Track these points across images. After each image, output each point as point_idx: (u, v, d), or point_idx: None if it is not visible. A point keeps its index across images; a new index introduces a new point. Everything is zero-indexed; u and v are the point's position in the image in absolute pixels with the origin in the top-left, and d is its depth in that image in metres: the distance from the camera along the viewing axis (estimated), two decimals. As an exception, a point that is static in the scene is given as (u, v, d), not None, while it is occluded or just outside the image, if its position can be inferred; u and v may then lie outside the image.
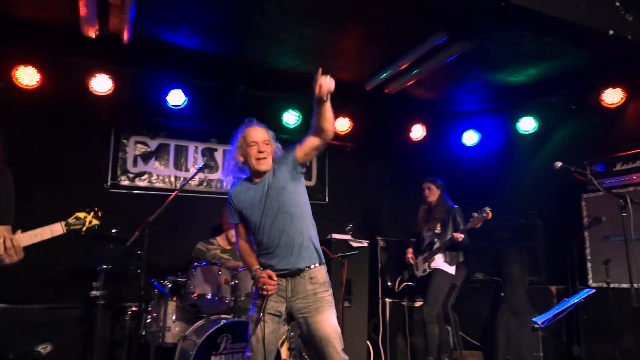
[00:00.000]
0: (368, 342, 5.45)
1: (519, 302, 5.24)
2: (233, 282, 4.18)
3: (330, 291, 2.85)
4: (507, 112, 6.26)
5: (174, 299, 4.16)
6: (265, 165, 2.91)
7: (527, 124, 6.02)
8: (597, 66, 5.10)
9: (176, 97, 5.36)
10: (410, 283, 5.44)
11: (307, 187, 6.30)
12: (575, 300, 3.51)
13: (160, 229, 5.25)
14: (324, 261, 2.95)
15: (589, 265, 4.91)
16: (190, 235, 5.09)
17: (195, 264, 4.13)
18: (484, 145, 6.47)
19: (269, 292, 2.73)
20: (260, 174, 2.93)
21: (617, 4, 3.27)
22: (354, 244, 5.36)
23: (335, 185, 6.30)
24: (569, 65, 5.11)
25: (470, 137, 6.53)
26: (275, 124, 5.86)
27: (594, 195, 4.95)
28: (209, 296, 3.97)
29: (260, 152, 2.92)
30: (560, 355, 5.07)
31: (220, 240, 5.01)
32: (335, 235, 5.42)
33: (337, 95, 6.13)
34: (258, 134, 3.02)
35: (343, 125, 6.15)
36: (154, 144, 5.51)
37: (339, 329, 2.78)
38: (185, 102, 5.39)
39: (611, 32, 3.33)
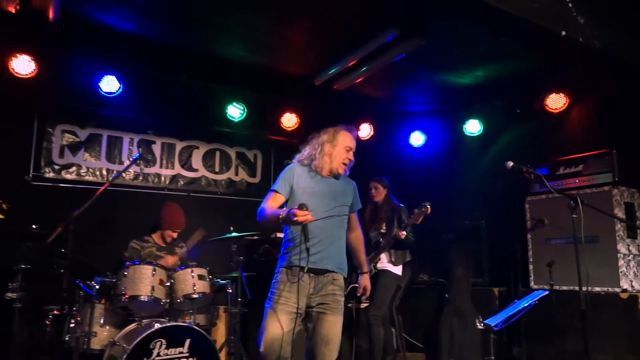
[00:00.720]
0: (311, 346, 5.25)
1: (462, 303, 5.22)
2: (169, 283, 3.88)
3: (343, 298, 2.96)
4: (454, 114, 6.28)
5: (102, 301, 3.81)
6: (343, 171, 3.08)
7: (473, 127, 6.06)
8: (542, 71, 5.18)
9: (110, 84, 4.97)
10: (356, 284, 5.29)
11: (251, 184, 6.18)
12: (529, 302, 3.47)
13: (90, 226, 4.84)
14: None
15: (531, 267, 4.95)
16: (124, 234, 4.72)
17: (128, 262, 3.78)
18: (430, 146, 6.47)
19: (306, 219, 2.63)
20: (333, 174, 3.05)
21: (570, 5, 3.26)
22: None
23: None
24: (515, 68, 5.16)
25: (417, 138, 6.51)
26: (219, 117, 5.62)
27: (537, 198, 5.00)
28: (142, 298, 3.65)
29: (349, 159, 3.06)
30: (500, 356, 5.08)
31: (156, 237, 4.69)
32: (280, 235, 5.17)
33: (285, 89, 6.08)
34: (354, 143, 3.12)
35: (290, 121, 5.95)
36: (83, 134, 5.08)
37: (340, 337, 2.86)
38: (120, 90, 5.00)
39: (563, 32, 3.33)
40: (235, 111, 5.65)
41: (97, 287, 3.65)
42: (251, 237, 4.55)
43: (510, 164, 3.50)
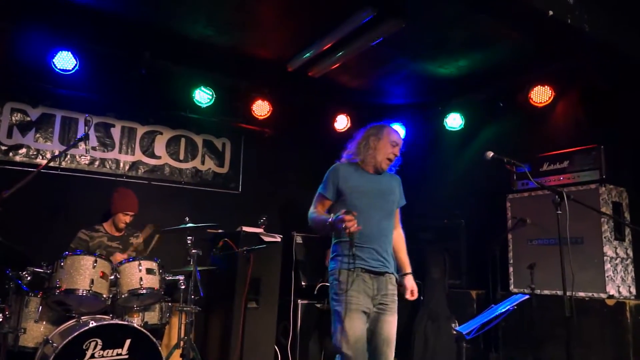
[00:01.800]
0: (276, 347, 4.91)
1: (437, 306, 4.93)
2: (113, 276, 3.51)
3: None
4: (434, 108, 5.99)
5: (40, 294, 3.43)
6: (387, 167, 3.03)
7: (454, 121, 5.77)
8: (527, 62, 4.90)
9: (65, 61, 4.57)
10: (327, 283, 4.97)
11: (219, 175, 5.80)
12: (507, 308, 3.17)
13: (38, 213, 4.49)
14: None
15: (511, 269, 4.67)
16: (76, 223, 4.35)
17: (66, 252, 3.41)
18: (409, 140, 6.13)
19: (354, 229, 2.58)
20: (377, 170, 2.99)
21: (559, -19, 2.98)
22: (266, 238, 4.81)
23: (250, 174, 5.73)
24: (499, 58, 4.86)
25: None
26: (185, 102, 5.27)
27: (520, 196, 4.72)
28: (80, 292, 3.27)
29: (394, 154, 3.01)
30: (476, 362, 4.80)
31: (107, 226, 4.33)
32: (246, 228, 4.84)
33: (257, 75, 5.74)
34: (400, 139, 3.08)
35: (261, 109, 5.59)
36: (35, 114, 4.69)
37: None
38: (76, 68, 4.61)
39: (551, 12, 3.04)
40: (203, 96, 5.29)
41: (29, 278, 3.26)
42: (212, 230, 4.20)
43: (490, 154, 3.24)
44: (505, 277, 4.71)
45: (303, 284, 5.15)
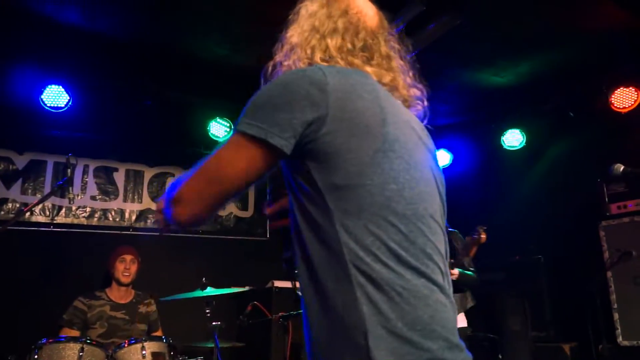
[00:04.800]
0: None
1: (524, 368, 3.95)
2: (109, 367, 2.64)
3: None
4: (488, 125, 5.13)
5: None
6: None
7: (513, 138, 4.91)
8: (604, 62, 4.08)
9: (55, 97, 3.90)
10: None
11: (242, 220, 4.98)
12: None
13: (25, 282, 3.69)
14: None
15: (616, 316, 3.69)
16: (72, 289, 3.55)
17: (44, 340, 2.55)
18: (459, 165, 5.29)
19: None
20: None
21: None
22: (304, 295, 3.93)
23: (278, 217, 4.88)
24: (569, 60, 4.10)
25: (442, 158, 5.33)
26: (200, 136, 4.51)
27: (617, 223, 3.81)
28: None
29: None
30: None
31: (110, 292, 3.51)
32: (278, 283, 3.99)
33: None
34: None
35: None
36: (22, 161, 3.98)
37: None
38: (70, 104, 3.94)
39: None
40: (219, 129, 4.53)
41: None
42: (236, 293, 3.33)
43: (621, 167, 2.38)
44: (609, 327, 3.73)
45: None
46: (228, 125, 4.54)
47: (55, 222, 3.95)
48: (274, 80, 1.13)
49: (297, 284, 3.75)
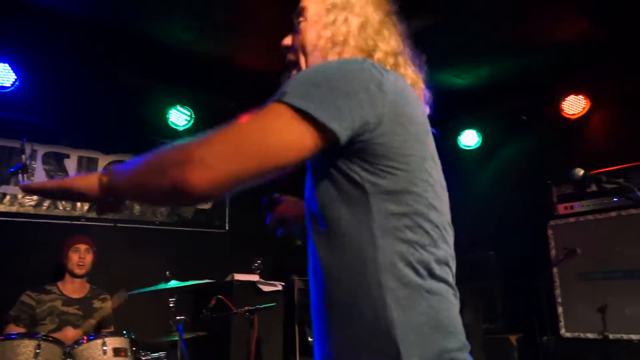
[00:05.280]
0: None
1: (474, 357, 4.10)
2: (67, 363, 2.52)
3: None
4: (445, 125, 5.26)
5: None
6: None
7: (469, 138, 5.07)
8: (558, 69, 4.29)
9: (2, 75, 3.60)
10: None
11: (200, 211, 4.86)
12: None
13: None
14: None
15: (560, 310, 3.92)
16: (18, 284, 3.32)
17: (-3, 336, 2.40)
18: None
19: None
20: None
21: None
22: (264, 288, 3.91)
23: (238, 208, 4.78)
24: (527, 65, 4.27)
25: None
26: (158, 124, 4.36)
27: (564, 222, 4.03)
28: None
29: None
30: None
31: (62, 285, 3.33)
32: (239, 276, 3.94)
33: (245, 90, 4.86)
34: None
35: (249, 130, 4.72)
36: (-37, 143, 3.67)
37: None
38: (17, 84, 3.67)
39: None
40: (179, 117, 4.39)
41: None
42: (197, 286, 3.26)
43: (581, 171, 2.52)
44: (553, 319, 3.96)
45: (310, 339, 4.23)
46: (189, 114, 4.41)
47: (-3, 210, 3.68)
48: (330, 63, 1.04)
49: (257, 278, 3.72)
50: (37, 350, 2.39)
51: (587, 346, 3.72)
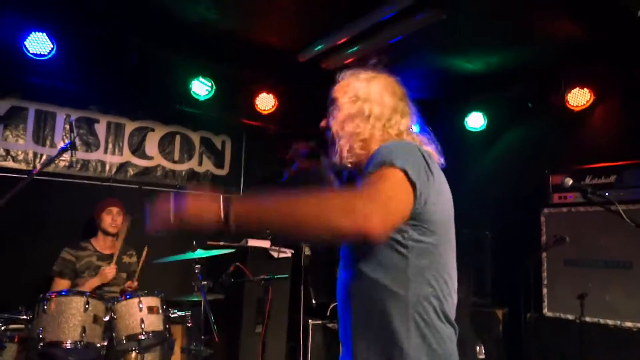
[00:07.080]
0: (283, 373, 4.42)
1: (461, 328, 4.48)
2: (108, 318, 2.90)
3: None
4: (453, 105, 5.46)
5: (16, 339, 2.79)
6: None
7: (475, 120, 5.27)
8: (565, 62, 4.43)
9: (39, 44, 3.84)
10: None
11: (218, 177, 5.17)
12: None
13: (7, 231, 3.78)
14: None
15: (545, 291, 4.27)
16: (55, 240, 3.69)
17: (50, 293, 2.78)
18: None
19: None
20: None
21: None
22: (275, 254, 4.26)
23: (253, 176, 5.10)
24: (536, 56, 4.40)
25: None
26: (181, 94, 4.61)
27: (557, 211, 4.30)
28: (68, 345, 2.67)
29: None
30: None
31: (96, 242, 3.70)
32: (252, 242, 4.27)
33: (263, 65, 5.09)
34: None
35: (266, 102, 4.96)
36: (3, 107, 3.96)
37: None
38: (53, 52, 3.90)
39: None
40: (201, 88, 4.62)
41: (2, 328, 2.63)
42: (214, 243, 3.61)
43: (570, 181, 2.77)
44: (537, 299, 4.30)
45: (314, 302, 4.63)
46: (210, 85, 4.63)
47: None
48: (395, 145, 1.33)
49: (268, 244, 4.04)
50: (87, 306, 2.76)
51: (566, 326, 4.05)
